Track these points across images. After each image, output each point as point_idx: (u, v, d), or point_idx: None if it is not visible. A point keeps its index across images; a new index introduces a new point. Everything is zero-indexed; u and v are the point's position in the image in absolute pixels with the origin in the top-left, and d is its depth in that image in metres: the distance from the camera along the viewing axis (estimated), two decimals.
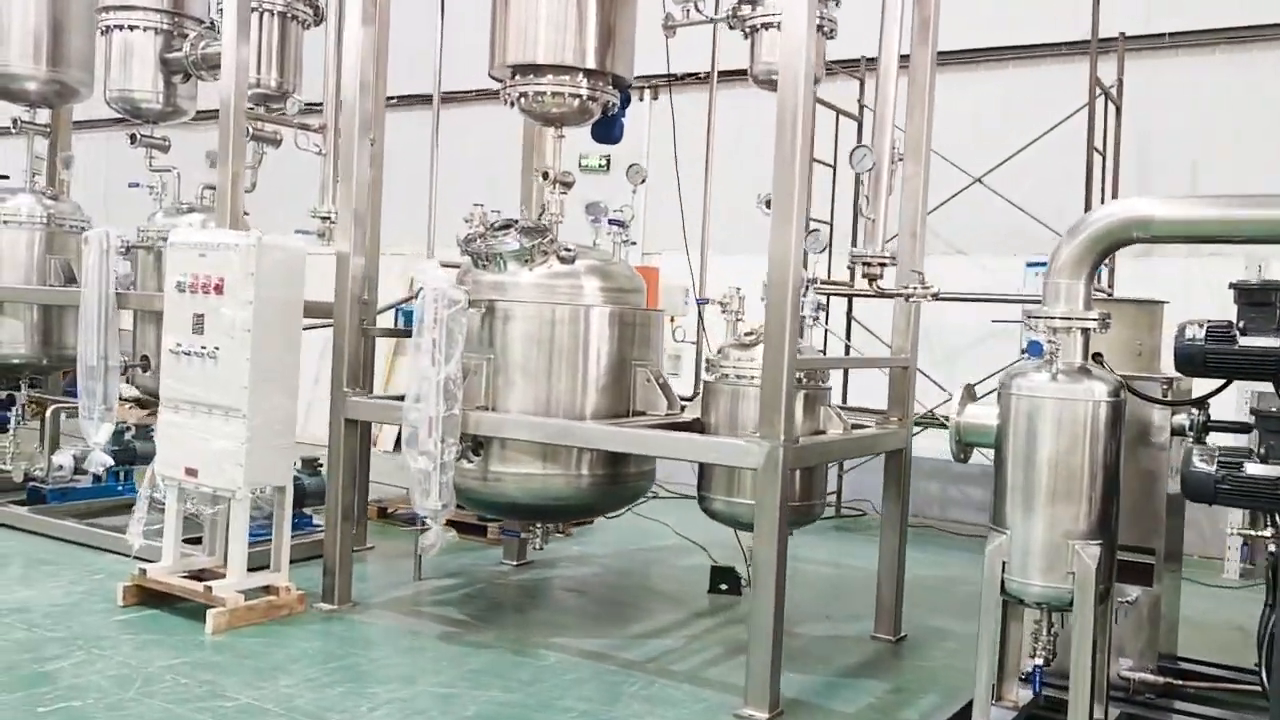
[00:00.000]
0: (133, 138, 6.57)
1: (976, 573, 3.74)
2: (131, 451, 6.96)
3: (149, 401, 6.58)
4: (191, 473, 4.92)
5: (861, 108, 8.35)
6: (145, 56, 6.46)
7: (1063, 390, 3.59)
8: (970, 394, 3.86)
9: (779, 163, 4.04)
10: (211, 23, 6.49)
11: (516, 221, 5.12)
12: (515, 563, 6.30)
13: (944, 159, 7.87)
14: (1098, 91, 7.12)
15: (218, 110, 5.42)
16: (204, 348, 4.89)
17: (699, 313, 5.92)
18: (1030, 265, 8.04)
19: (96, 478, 6.88)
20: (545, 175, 5.33)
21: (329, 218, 5.96)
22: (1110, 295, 6.66)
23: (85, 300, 5.96)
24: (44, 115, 7.41)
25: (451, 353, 4.71)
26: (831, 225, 7.93)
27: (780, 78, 4.06)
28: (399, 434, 6.90)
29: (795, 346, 4.03)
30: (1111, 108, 7.41)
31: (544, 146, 6.17)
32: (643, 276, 5.59)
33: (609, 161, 10.36)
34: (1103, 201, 6.99)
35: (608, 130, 5.61)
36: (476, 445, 4.86)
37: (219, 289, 4.87)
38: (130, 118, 6.68)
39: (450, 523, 5.74)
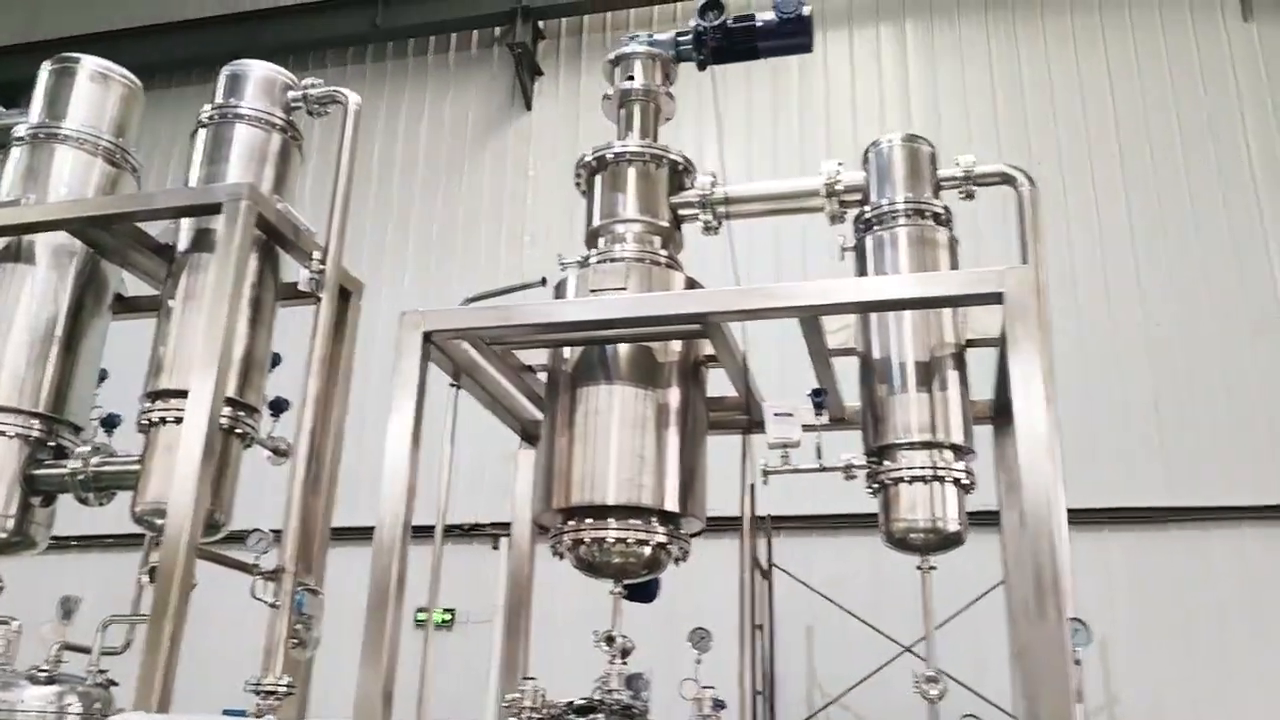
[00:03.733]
0: None
1: None
2: None
3: None
4: None
5: (771, 566, 7.98)
6: (1, 471, 4.89)
7: None
8: None
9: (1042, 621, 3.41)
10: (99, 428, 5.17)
11: (600, 703, 3.98)
12: None
13: (872, 628, 7.55)
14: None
15: (78, 538, 4.05)
16: None
17: None
18: None
19: None
20: (610, 640, 4.30)
21: (276, 693, 4.41)
22: None
23: None
24: None
25: None
26: (771, 692, 7.19)
27: (1036, 536, 3.52)
28: None
29: None
30: None
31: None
32: None
33: (454, 615, 9.15)
34: None
35: (646, 588, 4.75)
36: None
37: None
38: None
39: None
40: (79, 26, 12.60)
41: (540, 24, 10.61)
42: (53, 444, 5.03)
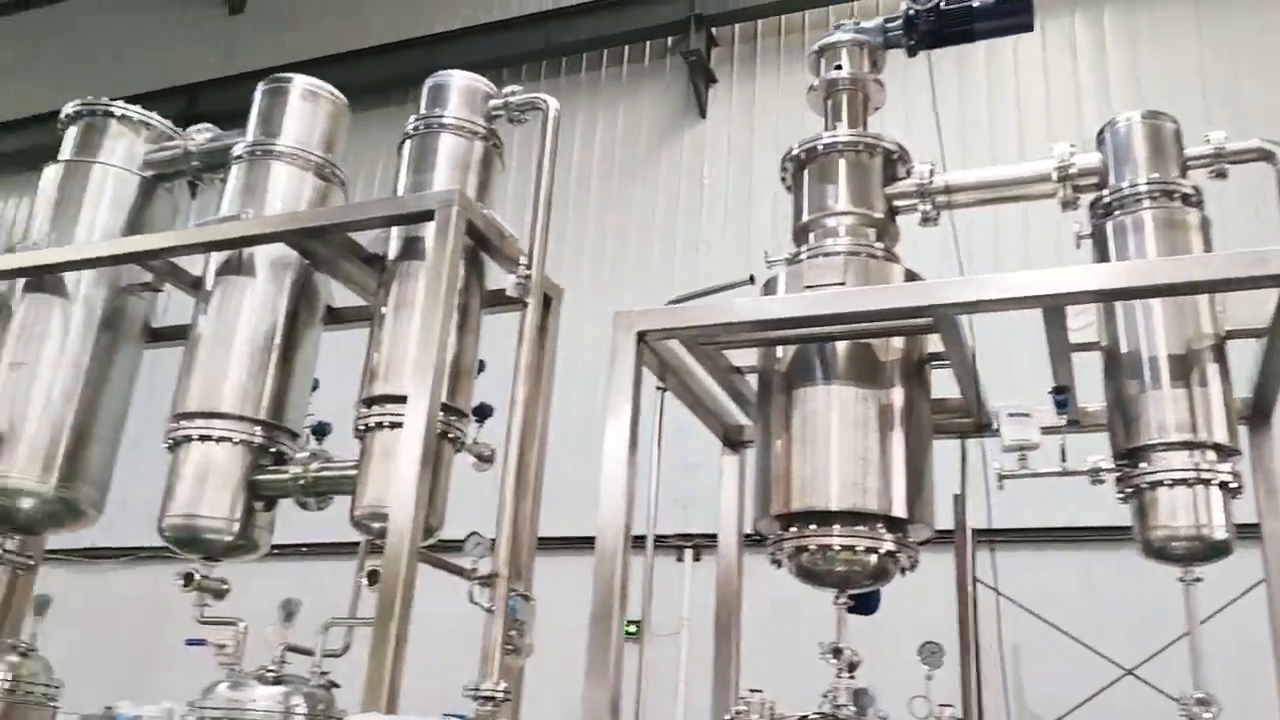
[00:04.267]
0: (188, 578, 4.95)
1: None
2: None
3: None
4: None
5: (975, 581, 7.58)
6: (227, 476, 5.02)
7: None
8: None
9: None
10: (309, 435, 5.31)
11: (833, 717, 3.78)
12: None
13: (1091, 649, 7.08)
14: None
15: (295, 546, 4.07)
16: None
17: None
18: None
19: None
20: (837, 653, 4.10)
21: (494, 699, 4.38)
22: None
23: None
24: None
25: None
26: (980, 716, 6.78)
27: None
28: None
29: None
30: None
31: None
32: None
33: (639, 628, 9.03)
34: None
35: (867, 600, 4.51)
36: None
37: None
38: (181, 551, 5.09)
39: None
40: (270, 60, 13.19)
41: (713, 31, 10.53)
42: (273, 450, 5.17)
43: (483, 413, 5.18)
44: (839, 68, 4.91)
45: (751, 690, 3.96)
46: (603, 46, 11.12)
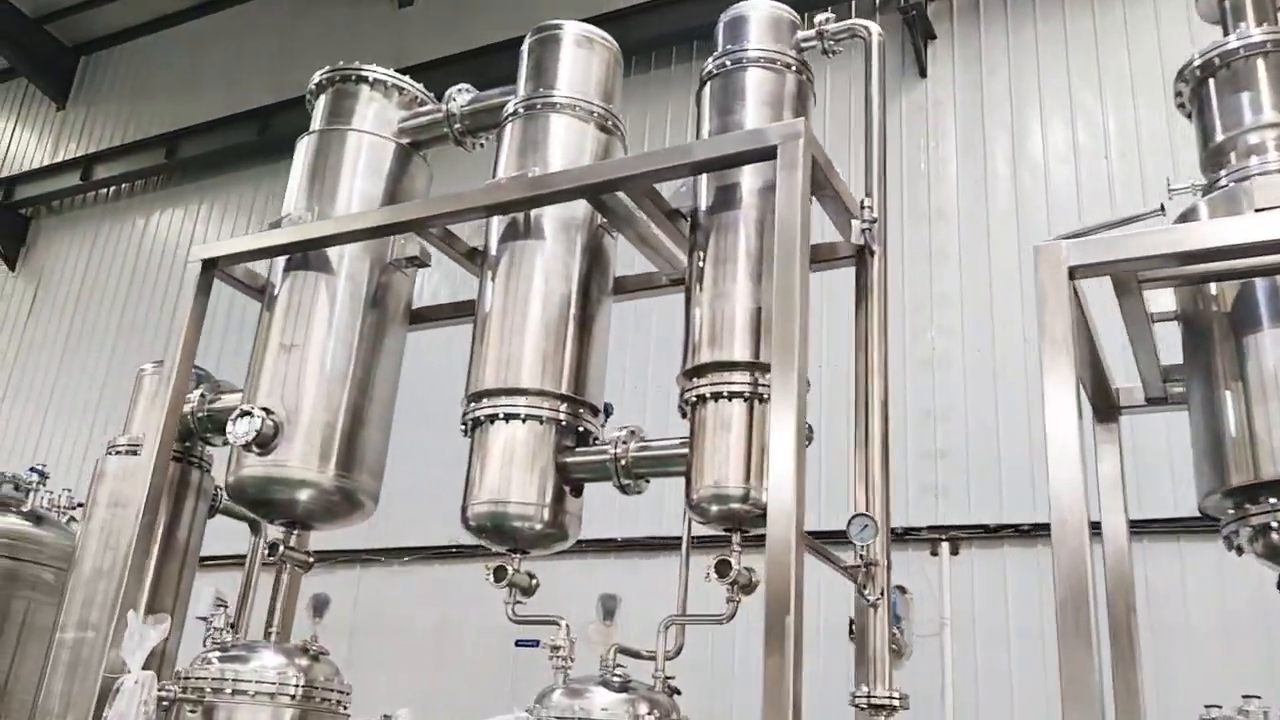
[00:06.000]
0: (499, 571, 4.46)
1: None
2: None
3: None
4: None
5: None
6: (535, 457, 4.52)
7: None
8: None
9: None
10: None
11: None
12: None
13: None
14: None
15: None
16: None
17: None
18: None
19: None
20: None
21: (891, 707, 3.76)
22: None
23: None
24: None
25: None
26: None
27: None
28: None
29: None
30: None
31: None
32: None
33: None
34: None
35: None
36: None
37: None
38: (487, 542, 4.60)
39: None
40: (440, 50, 12.92)
41: None
42: (579, 429, 4.65)
43: None
44: None
45: (1245, 697, 3.23)
46: (806, 10, 10.39)
